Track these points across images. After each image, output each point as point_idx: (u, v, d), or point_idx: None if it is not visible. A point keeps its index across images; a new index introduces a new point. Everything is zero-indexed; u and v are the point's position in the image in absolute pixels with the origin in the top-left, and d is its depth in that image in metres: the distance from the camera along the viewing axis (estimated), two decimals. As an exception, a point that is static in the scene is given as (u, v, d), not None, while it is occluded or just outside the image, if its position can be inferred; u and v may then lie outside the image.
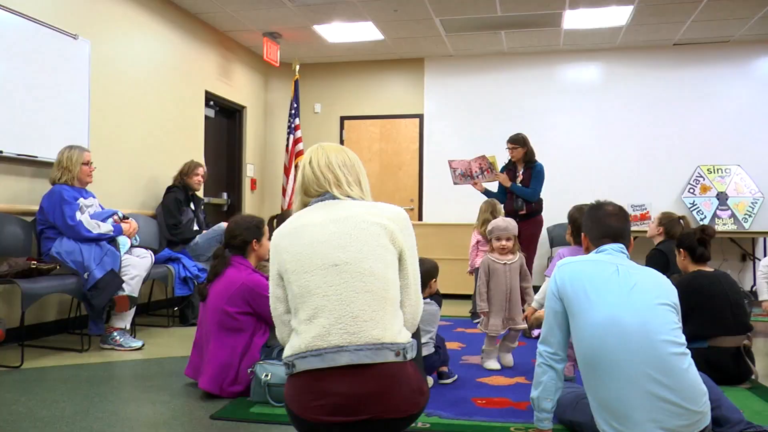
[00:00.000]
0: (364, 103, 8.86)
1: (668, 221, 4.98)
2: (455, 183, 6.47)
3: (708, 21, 7.08)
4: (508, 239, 4.06)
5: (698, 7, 6.62)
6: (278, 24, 7.26)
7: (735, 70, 7.99)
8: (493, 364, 3.98)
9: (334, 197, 2.17)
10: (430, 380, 3.50)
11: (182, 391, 3.41)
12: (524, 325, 4.05)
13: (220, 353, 3.27)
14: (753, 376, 3.67)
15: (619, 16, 6.93)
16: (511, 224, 4.11)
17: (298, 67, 8.28)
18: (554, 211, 7.37)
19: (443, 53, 8.47)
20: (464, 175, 6.35)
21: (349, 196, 2.17)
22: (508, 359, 4.09)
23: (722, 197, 7.78)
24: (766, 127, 7.91)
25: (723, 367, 3.56)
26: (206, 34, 7.29)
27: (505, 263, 4.05)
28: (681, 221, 4.90)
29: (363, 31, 7.50)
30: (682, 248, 3.89)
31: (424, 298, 2.85)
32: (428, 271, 3.26)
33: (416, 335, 2.19)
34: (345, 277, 1.99)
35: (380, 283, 2.00)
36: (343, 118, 8.94)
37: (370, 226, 2.06)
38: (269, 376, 3.07)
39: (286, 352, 2.06)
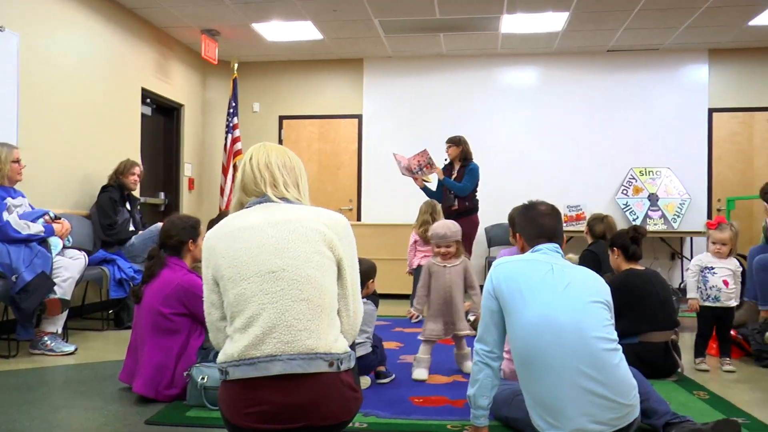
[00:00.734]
0: (303, 103, 8.82)
1: (591, 221, 5.15)
2: (403, 174, 6.56)
3: (639, 29, 7.34)
4: (448, 246, 3.88)
5: (630, 15, 6.85)
6: (216, 21, 7.15)
7: (664, 77, 8.30)
8: (420, 374, 3.76)
9: (271, 200, 2.13)
10: (368, 380, 3.51)
11: (116, 396, 3.32)
12: (468, 331, 3.87)
13: (155, 356, 3.19)
14: (679, 370, 3.82)
15: (555, 22, 7.11)
16: (451, 230, 3.90)
17: (236, 65, 8.18)
18: (492, 212, 7.53)
19: (382, 54, 8.51)
20: (407, 168, 6.44)
21: (284, 198, 2.14)
22: (468, 366, 3.84)
23: (653, 198, 8.07)
24: (694, 132, 8.25)
25: (652, 361, 3.71)
26: (142, 29, 7.12)
27: (445, 266, 3.89)
28: (603, 220, 5.06)
29: (302, 31, 7.46)
30: (616, 247, 4.03)
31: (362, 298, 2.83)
32: (365, 272, 3.26)
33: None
34: (282, 284, 1.96)
35: (317, 292, 1.99)
36: (281, 118, 8.88)
37: (309, 232, 2.03)
38: (206, 379, 3.02)
39: (220, 358, 2.02)
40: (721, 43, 7.94)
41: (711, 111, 8.25)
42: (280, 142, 8.70)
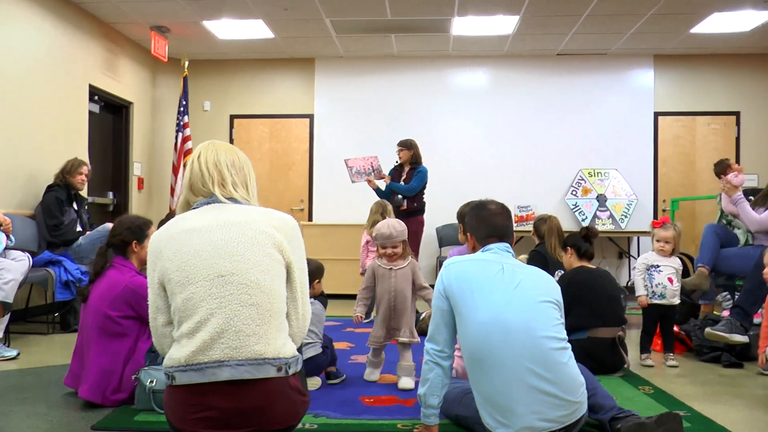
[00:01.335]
0: (255, 102, 8.75)
1: (536, 221, 5.25)
2: (353, 181, 6.67)
3: (588, 34, 7.50)
4: (394, 247, 3.58)
5: (579, 20, 7.00)
6: (166, 18, 7.03)
7: (612, 81, 8.50)
8: (371, 374, 3.67)
9: (219, 200, 2.10)
10: (318, 381, 3.50)
11: (61, 402, 3.23)
12: (410, 338, 3.57)
13: (102, 359, 3.12)
14: (626, 365, 3.93)
15: (505, 25, 7.21)
16: (397, 229, 3.60)
17: (187, 63, 8.05)
18: (443, 212, 7.60)
19: (334, 54, 8.50)
20: (360, 172, 6.49)
21: (232, 198, 2.11)
22: (404, 382, 3.49)
23: (602, 199, 8.26)
24: (640, 135, 8.47)
25: (600, 356, 3.80)
26: (89, 25, 6.94)
27: (391, 268, 3.61)
28: (546, 220, 5.17)
29: (254, 29, 7.39)
30: (569, 246, 4.12)
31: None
32: (312, 272, 3.21)
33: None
34: (230, 289, 1.94)
35: (265, 296, 1.96)
36: (233, 117, 8.78)
37: (258, 235, 2.00)
38: (155, 382, 2.96)
39: (166, 363, 1.99)
40: (666, 49, 8.18)
41: (656, 114, 8.49)
42: (231, 141, 8.61)
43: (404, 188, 6.40)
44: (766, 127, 8.40)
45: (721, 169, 5.03)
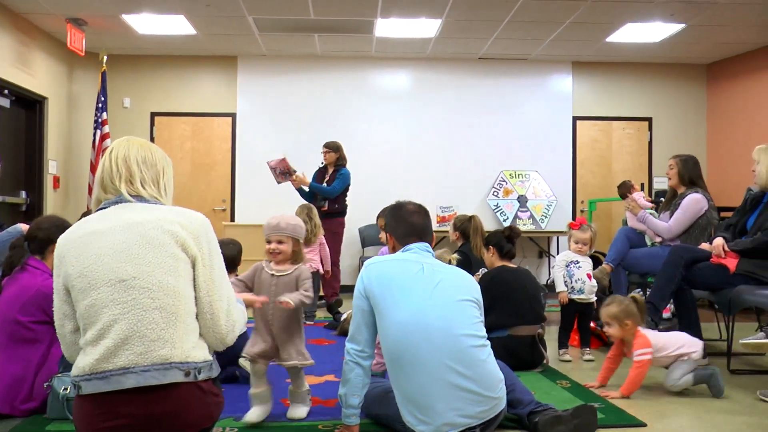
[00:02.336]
0: (176, 100, 8.54)
1: (461, 224, 5.35)
2: (279, 182, 6.62)
3: (509, 39, 7.69)
4: (279, 242, 2.92)
5: (500, 26, 7.17)
6: (83, 10, 6.76)
7: (533, 86, 8.76)
8: (253, 415, 2.83)
9: (125, 200, 2.02)
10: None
11: (-34, 412, 3.06)
12: (298, 362, 2.89)
13: (11, 367, 2.97)
14: (545, 361, 4.06)
15: (428, 28, 7.30)
16: (289, 222, 2.97)
17: (105, 57, 7.78)
18: (366, 213, 7.63)
19: (257, 52, 8.40)
20: (283, 173, 6.46)
21: (139, 195, 2.04)
22: (295, 411, 2.97)
23: (522, 200, 8.49)
24: (559, 138, 8.76)
25: (520, 353, 3.91)
26: (-1, 15, 6.61)
27: (273, 274, 2.92)
28: (471, 219, 5.29)
29: (175, 25, 7.21)
30: (491, 245, 4.19)
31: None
32: (232, 259, 3.05)
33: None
34: (133, 293, 1.88)
35: (170, 299, 1.91)
36: (153, 114, 8.55)
37: (161, 235, 1.94)
38: (68, 390, 2.84)
39: (73, 372, 1.92)
40: (583, 56, 8.49)
41: (575, 119, 8.80)
42: (152, 139, 8.37)
43: (326, 190, 6.45)
44: (675, 133, 8.85)
45: (626, 189, 5.27)
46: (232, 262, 4.03)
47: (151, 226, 1.95)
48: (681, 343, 3.51)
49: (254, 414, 2.83)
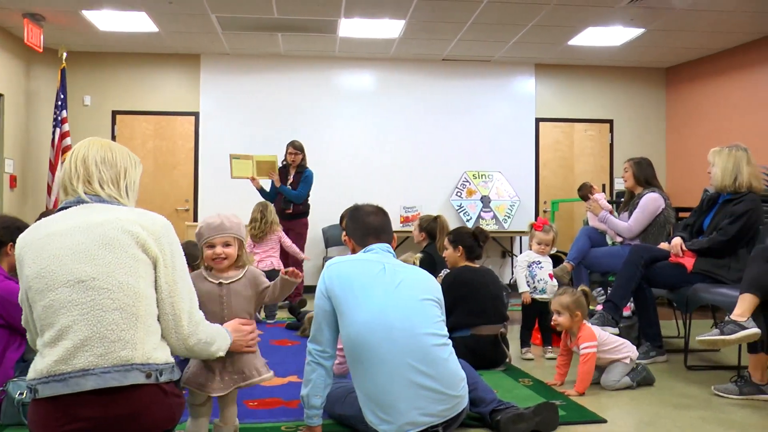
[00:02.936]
0: (138, 98, 8.42)
1: (427, 224, 5.37)
2: (233, 177, 6.64)
3: (472, 41, 7.75)
4: (225, 245, 2.48)
5: (463, 27, 7.22)
6: (41, 4, 6.61)
7: (496, 87, 8.84)
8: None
9: (84, 200, 1.99)
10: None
11: None
12: (262, 376, 2.45)
13: (-37, 371, 2.89)
14: (507, 360, 4.10)
15: (392, 28, 7.31)
16: (234, 221, 2.55)
17: (65, 54, 7.62)
18: (329, 213, 7.62)
19: (220, 51, 8.32)
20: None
21: (97, 195, 2.01)
22: None
23: (486, 200, 8.57)
24: (522, 139, 8.86)
25: (483, 352, 3.93)
26: (-48, 10, 6.42)
27: (221, 283, 2.48)
28: (436, 219, 5.32)
29: (136, 22, 7.10)
30: (461, 246, 4.19)
31: None
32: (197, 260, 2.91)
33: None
34: (92, 294, 1.85)
35: (130, 299, 1.88)
36: (115, 113, 8.41)
37: (121, 235, 1.91)
38: (24, 394, 2.76)
39: (29, 375, 1.88)
40: (546, 58, 8.60)
41: (538, 120, 8.91)
42: (114, 138, 8.23)
43: (294, 194, 6.49)
44: (636, 134, 9.03)
45: (586, 191, 5.38)
46: (197, 264, 3.98)
47: (111, 227, 1.92)
48: (622, 341, 3.65)
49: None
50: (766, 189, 5.33)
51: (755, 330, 3.21)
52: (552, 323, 3.66)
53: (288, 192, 6.46)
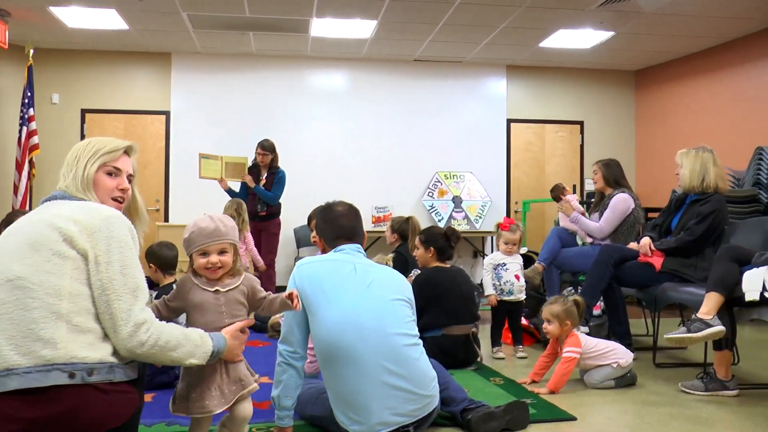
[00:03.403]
0: (108, 97, 8.30)
1: (399, 225, 5.38)
2: (201, 177, 6.60)
3: (444, 42, 7.78)
4: (221, 252, 2.26)
5: (435, 28, 7.24)
6: (5, 0, 6.48)
7: (468, 88, 8.89)
8: None
9: (53, 197, 2.03)
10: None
11: None
12: (253, 382, 2.34)
13: None
14: (479, 359, 4.12)
15: (363, 29, 7.31)
16: (229, 225, 2.35)
17: (32, 51, 7.48)
18: (301, 213, 7.54)
19: (191, 50, 8.24)
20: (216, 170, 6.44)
21: (60, 190, 2.05)
22: None
23: (457, 200, 8.61)
24: (494, 140, 8.93)
25: (454, 352, 3.95)
26: None
27: (217, 290, 2.27)
28: (408, 221, 5.33)
29: (106, 19, 6.99)
30: (432, 246, 4.18)
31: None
32: (172, 261, 2.81)
33: None
34: (17, 293, 1.81)
35: (52, 298, 1.83)
36: (84, 111, 8.28)
37: (49, 232, 1.88)
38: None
39: None
40: (517, 60, 8.67)
41: (509, 121, 8.98)
42: (83, 137, 8.10)
43: (269, 196, 6.45)
44: (606, 136, 9.15)
45: (558, 192, 5.44)
46: (171, 265, 3.97)
47: (43, 225, 1.90)
48: (613, 347, 3.67)
49: None
50: (731, 189, 5.45)
51: (720, 328, 3.28)
52: (543, 329, 3.70)
53: (263, 193, 6.42)
